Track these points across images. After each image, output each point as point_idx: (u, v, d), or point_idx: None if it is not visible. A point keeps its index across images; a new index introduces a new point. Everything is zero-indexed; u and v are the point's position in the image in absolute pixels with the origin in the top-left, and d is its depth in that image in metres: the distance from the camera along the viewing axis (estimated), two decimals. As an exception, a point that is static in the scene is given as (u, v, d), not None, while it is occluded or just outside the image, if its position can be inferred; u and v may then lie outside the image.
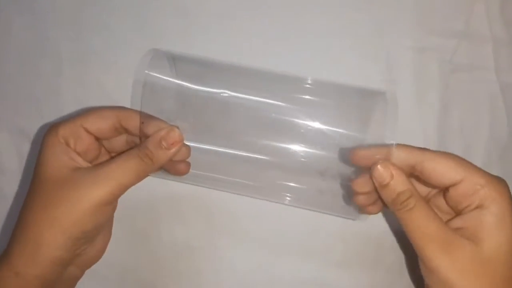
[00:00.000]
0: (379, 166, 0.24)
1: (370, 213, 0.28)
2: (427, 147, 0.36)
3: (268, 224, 0.36)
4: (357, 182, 0.26)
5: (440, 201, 0.27)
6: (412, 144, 0.28)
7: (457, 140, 0.36)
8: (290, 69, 0.36)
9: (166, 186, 0.35)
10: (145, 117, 0.27)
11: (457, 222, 0.25)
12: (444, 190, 0.26)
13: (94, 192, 0.25)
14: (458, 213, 0.25)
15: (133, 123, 0.27)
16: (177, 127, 0.26)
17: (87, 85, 0.38)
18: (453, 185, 0.25)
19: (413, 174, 0.26)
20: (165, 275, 0.36)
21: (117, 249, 0.36)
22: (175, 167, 0.29)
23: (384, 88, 0.31)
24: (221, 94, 0.29)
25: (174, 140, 0.26)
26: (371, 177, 0.25)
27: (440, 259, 0.23)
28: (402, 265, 0.36)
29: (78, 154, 0.27)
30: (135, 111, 0.28)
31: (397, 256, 0.36)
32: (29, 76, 0.38)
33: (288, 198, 0.32)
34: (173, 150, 0.26)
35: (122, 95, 0.37)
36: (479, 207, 0.24)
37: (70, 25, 0.38)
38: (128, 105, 0.36)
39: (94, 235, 0.28)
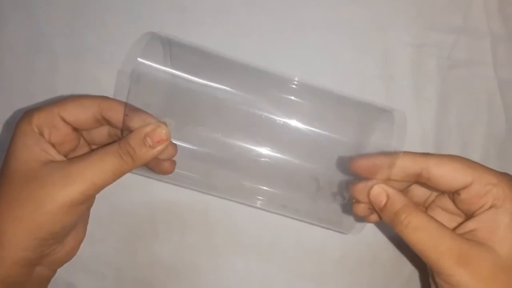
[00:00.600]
0: (375, 188, 0.24)
1: (370, 222, 0.28)
2: (425, 143, 0.36)
3: (266, 223, 0.36)
4: (358, 188, 0.25)
5: (446, 202, 0.26)
6: (410, 141, 0.28)
7: (454, 136, 0.36)
8: (286, 63, 0.36)
9: (164, 186, 0.35)
10: (130, 110, 0.24)
11: (471, 225, 0.24)
12: (454, 194, 0.25)
13: (64, 191, 0.22)
14: (470, 215, 0.24)
15: (116, 115, 0.25)
16: (165, 124, 0.24)
17: (83, 81, 0.38)
18: (464, 188, 0.24)
19: (419, 181, 0.25)
20: (162, 274, 0.36)
21: (115, 248, 0.36)
22: (159, 166, 0.27)
23: (388, 106, 0.30)
24: (215, 90, 0.27)
25: (160, 137, 0.23)
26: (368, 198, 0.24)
27: (460, 273, 0.22)
28: (399, 263, 0.36)
29: (53, 145, 0.25)
30: (120, 102, 0.26)
31: (394, 254, 0.36)
32: (24, 72, 0.38)
33: (275, 205, 0.31)
34: (158, 148, 0.24)
35: (117, 90, 0.37)
36: (493, 206, 0.23)
37: (65, 21, 0.38)
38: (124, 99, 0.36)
39: (64, 236, 0.26)
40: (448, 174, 0.24)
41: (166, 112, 0.27)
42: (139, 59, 0.24)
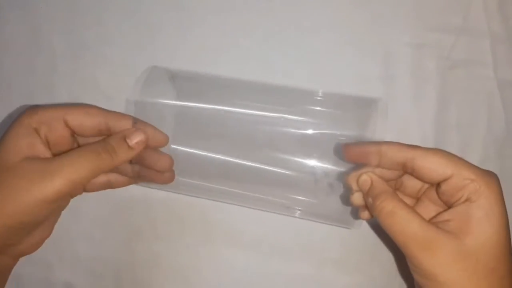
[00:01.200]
0: (362, 175, 0.26)
1: (363, 218, 0.29)
2: (424, 143, 0.36)
3: (265, 222, 0.36)
4: (351, 176, 0.27)
5: (433, 194, 0.27)
6: (410, 140, 0.28)
7: (454, 136, 0.36)
8: (285, 64, 0.36)
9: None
10: (137, 121, 0.27)
11: (446, 215, 0.25)
12: (437, 185, 0.26)
13: (41, 186, 0.23)
14: (449, 206, 0.26)
15: (121, 124, 0.27)
16: (163, 133, 0.27)
17: (81, 81, 0.37)
18: (444, 180, 0.25)
19: (407, 172, 0.27)
20: (161, 273, 0.36)
21: (113, 246, 0.36)
22: (160, 177, 0.29)
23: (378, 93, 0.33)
24: (217, 110, 0.30)
25: (138, 139, 0.25)
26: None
27: (422, 256, 0.23)
28: (399, 263, 0.36)
29: (47, 143, 0.26)
30: (126, 114, 0.28)
31: (394, 254, 0.36)
32: (23, 72, 0.38)
33: (282, 207, 0.32)
34: (137, 149, 0.26)
35: (116, 90, 0.37)
36: (467, 200, 0.24)
37: (63, 19, 0.38)
38: (121, 100, 0.36)
39: (31, 229, 0.27)
40: (430, 166, 0.25)
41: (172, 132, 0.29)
42: (141, 90, 0.29)
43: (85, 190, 0.30)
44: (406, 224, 0.24)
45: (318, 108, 0.31)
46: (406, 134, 0.35)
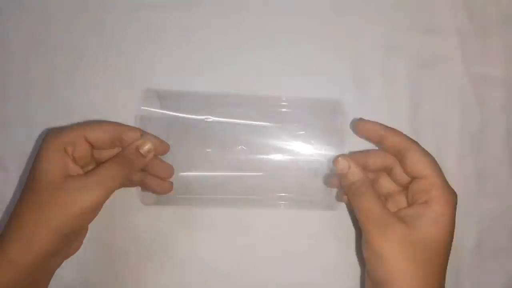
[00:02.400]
0: (339, 158, 0.29)
1: (342, 201, 0.33)
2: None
3: (253, 227, 0.36)
4: (338, 160, 0.30)
5: (401, 199, 0.32)
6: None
7: (429, 134, 0.37)
8: (261, 70, 0.37)
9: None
10: (143, 132, 0.32)
11: (404, 211, 0.30)
12: (408, 183, 0.31)
13: (86, 197, 0.28)
14: (410, 204, 0.30)
15: (132, 135, 0.31)
16: (166, 144, 0.33)
17: (58, 106, 0.37)
18: (419, 178, 0.30)
19: (387, 168, 0.32)
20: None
21: (97, 268, 0.36)
22: (160, 186, 0.33)
23: (350, 96, 0.36)
24: (205, 120, 0.34)
25: (148, 148, 0.31)
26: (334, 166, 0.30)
27: (375, 234, 0.28)
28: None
29: (73, 159, 0.30)
30: (134, 127, 0.32)
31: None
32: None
33: (272, 200, 0.35)
34: (148, 157, 0.31)
35: (94, 115, 0.36)
36: (426, 203, 0.29)
37: (35, 45, 0.37)
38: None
39: (80, 233, 0.32)
40: (417, 161, 0.30)
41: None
42: (142, 107, 0.34)
43: None
44: (372, 205, 0.28)
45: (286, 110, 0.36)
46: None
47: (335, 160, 0.29)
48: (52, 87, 0.37)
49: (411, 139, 0.31)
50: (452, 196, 0.29)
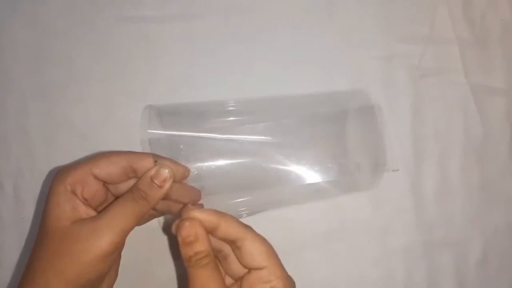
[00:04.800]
0: (186, 224, 0.25)
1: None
2: (403, 155, 0.36)
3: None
4: (184, 226, 0.25)
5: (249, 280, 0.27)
6: (388, 154, 0.30)
7: (432, 145, 0.36)
8: (257, 82, 0.36)
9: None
10: (157, 157, 0.28)
11: None
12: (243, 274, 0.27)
13: (96, 244, 0.25)
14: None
15: (145, 164, 0.28)
16: (184, 167, 0.29)
17: (54, 120, 0.37)
18: (257, 269, 0.26)
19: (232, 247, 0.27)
20: None
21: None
22: (188, 211, 0.28)
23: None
24: (217, 137, 0.32)
25: (164, 177, 0.27)
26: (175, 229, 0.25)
27: None
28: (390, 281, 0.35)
29: (85, 200, 0.27)
30: (146, 153, 0.29)
31: (384, 273, 0.35)
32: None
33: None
34: (165, 187, 0.27)
35: (90, 127, 0.36)
36: None
37: (31, 59, 0.37)
38: (95, 136, 0.36)
39: (101, 281, 0.28)
40: (253, 252, 0.26)
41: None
42: (148, 130, 0.31)
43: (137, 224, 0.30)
44: (211, 281, 0.25)
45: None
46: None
47: (180, 224, 0.24)
48: (49, 101, 0.37)
49: (245, 225, 0.26)
50: (292, 285, 0.26)
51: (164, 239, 0.35)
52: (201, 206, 0.30)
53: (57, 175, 0.28)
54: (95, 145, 0.36)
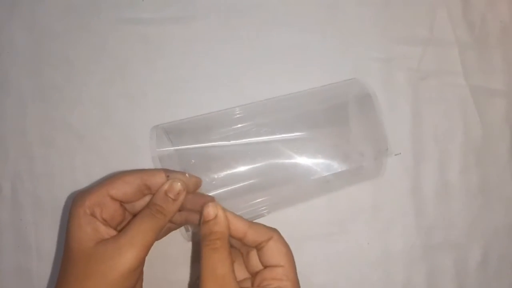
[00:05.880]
0: (210, 204, 0.27)
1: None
2: (403, 158, 0.36)
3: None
4: (208, 205, 0.28)
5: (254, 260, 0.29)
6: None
7: (432, 147, 0.36)
8: (257, 85, 0.36)
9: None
10: (169, 172, 0.30)
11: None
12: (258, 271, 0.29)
13: (121, 262, 0.26)
14: (257, 286, 0.28)
15: (158, 180, 0.29)
16: (195, 177, 0.30)
17: (53, 123, 0.37)
18: (273, 266, 0.28)
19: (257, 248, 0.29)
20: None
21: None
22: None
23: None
24: (225, 144, 0.32)
25: (178, 190, 0.28)
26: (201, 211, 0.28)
27: None
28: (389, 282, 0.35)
29: (104, 221, 0.28)
30: (158, 169, 0.30)
31: (383, 274, 0.35)
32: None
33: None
34: (180, 199, 0.28)
35: (89, 129, 0.36)
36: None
37: (30, 61, 0.37)
38: (94, 138, 0.36)
39: None
40: (275, 254, 0.28)
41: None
42: (158, 149, 0.32)
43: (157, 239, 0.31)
44: (221, 265, 0.26)
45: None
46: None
47: (205, 204, 0.27)
48: (48, 103, 0.37)
49: (271, 228, 0.29)
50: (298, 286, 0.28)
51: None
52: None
53: (75, 200, 0.28)
54: (93, 147, 0.36)
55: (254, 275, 0.29)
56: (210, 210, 0.27)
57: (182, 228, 0.33)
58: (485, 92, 0.37)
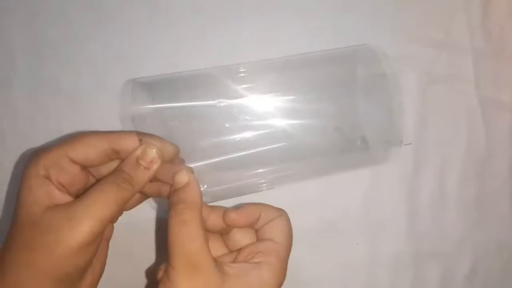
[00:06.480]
0: (183, 170, 0.25)
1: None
2: (403, 163, 0.35)
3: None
4: (179, 171, 0.25)
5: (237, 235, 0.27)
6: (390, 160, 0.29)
7: (433, 153, 0.35)
8: (263, 75, 0.34)
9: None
10: (142, 135, 0.25)
11: (229, 265, 0.25)
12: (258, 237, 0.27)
13: (71, 235, 0.22)
14: (238, 261, 0.26)
15: (129, 144, 0.25)
16: (173, 145, 0.26)
17: (42, 80, 0.35)
18: (268, 240, 0.26)
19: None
20: None
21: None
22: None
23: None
24: (218, 104, 0.28)
25: (151, 157, 0.25)
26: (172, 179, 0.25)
27: (182, 274, 0.23)
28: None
29: (61, 186, 0.25)
30: (128, 131, 0.26)
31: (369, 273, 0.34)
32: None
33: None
34: (153, 168, 0.25)
35: (79, 92, 0.34)
36: (258, 264, 0.25)
37: (24, 13, 0.35)
38: (84, 102, 0.34)
39: (80, 275, 0.25)
40: (278, 229, 0.26)
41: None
42: (133, 106, 0.28)
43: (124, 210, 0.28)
44: (190, 240, 0.23)
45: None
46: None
47: (177, 171, 0.24)
48: (39, 59, 0.35)
49: (279, 209, 0.27)
50: (283, 274, 0.26)
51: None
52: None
53: (29, 159, 0.25)
54: (84, 112, 0.34)
55: (236, 251, 0.26)
56: (182, 176, 0.24)
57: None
58: (494, 104, 0.36)
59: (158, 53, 0.34)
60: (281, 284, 0.25)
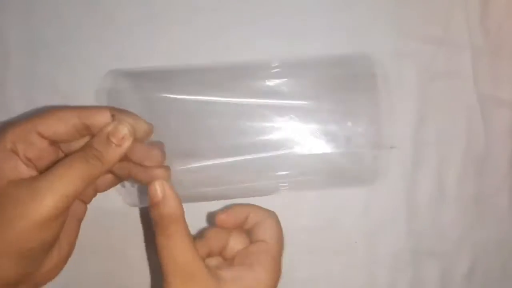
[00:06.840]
0: (156, 183, 0.23)
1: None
2: (403, 161, 0.34)
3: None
4: (153, 185, 0.24)
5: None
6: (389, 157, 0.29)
7: (432, 151, 0.35)
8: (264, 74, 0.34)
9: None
10: (115, 110, 0.25)
11: (224, 271, 0.25)
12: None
13: (34, 208, 0.22)
14: (231, 265, 0.26)
15: (100, 119, 0.24)
16: (147, 123, 0.25)
17: (37, 79, 0.34)
18: (261, 241, 0.26)
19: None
20: None
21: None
22: (150, 174, 0.26)
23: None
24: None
25: (123, 134, 0.24)
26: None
27: (178, 285, 0.23)
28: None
29: (28, 160, 0.24)
30: (101, 106, 0.25)
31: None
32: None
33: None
34: (124, 146, 0.24)
35: (75, 91, 0.34)
36: (251, 265, 0.25)
37: (20, 12, 0.34)
38: (79, 100, 0.33)
39: (45, 251, 0.25)
40: (267, 229, 0.27)
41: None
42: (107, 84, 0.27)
43: (96, 191, 0.28)
44: (181, 252, 0.23)
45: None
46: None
47: (150, 184, 0.23)
48: (34, 57, 0.34)
49: (269, 211, 0.28)
50: (278, 273, 0.26)
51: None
52: (167, 169, 0.26)
53: None
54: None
55: (230, 258, 0.27)
56: (157, 189, 0.23)
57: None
58: (492, 100, 0.35)
59: (157, 53, 0.34)
60: (277, 283, 0.26)
